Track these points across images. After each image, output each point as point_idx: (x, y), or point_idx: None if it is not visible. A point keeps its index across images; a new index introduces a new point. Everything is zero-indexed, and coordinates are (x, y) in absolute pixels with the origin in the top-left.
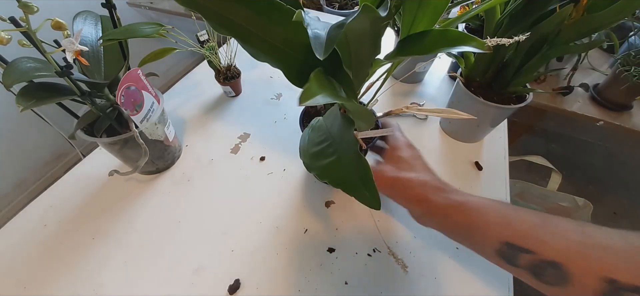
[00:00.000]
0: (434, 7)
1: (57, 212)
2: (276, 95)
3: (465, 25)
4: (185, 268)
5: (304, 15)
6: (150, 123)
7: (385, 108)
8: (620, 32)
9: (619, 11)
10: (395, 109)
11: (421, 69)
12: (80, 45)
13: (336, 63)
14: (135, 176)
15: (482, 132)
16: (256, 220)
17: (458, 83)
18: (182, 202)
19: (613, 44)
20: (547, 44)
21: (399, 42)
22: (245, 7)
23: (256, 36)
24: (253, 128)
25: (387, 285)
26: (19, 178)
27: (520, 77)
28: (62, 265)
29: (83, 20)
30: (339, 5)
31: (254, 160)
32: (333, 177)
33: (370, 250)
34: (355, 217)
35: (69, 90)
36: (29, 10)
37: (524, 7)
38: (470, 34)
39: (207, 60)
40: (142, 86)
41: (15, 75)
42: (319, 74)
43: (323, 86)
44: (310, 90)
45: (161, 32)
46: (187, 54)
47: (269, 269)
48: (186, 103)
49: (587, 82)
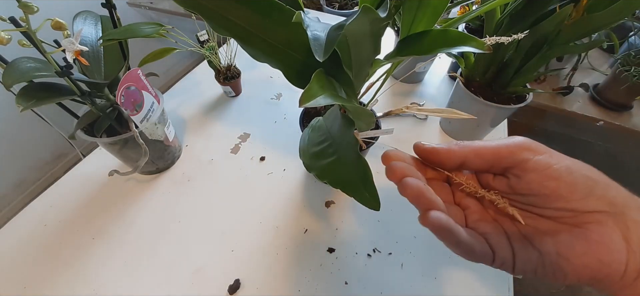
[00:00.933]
0: (434, 7)
1: (57, 212)
2: (276, 95)
3: (465, 26)
4: (185, 268)
5: (304, 16)
6: (150, 123)
7: (385, 108)
8: (620, 32)
9: (618, 11)
10: (395, 109)
11: (421, 69)
12: (80, 45)
13: (336, 63)
14: (135, 176)
15: (482, 132)
16: (256, 220)
17: (458, 83)
18: (182, 201)
19: (613, 44)
20: (547, 44)
21: (399, 42)
22: (246, 8)
23: (256, 37)
24: (253, 128)
25: (387, 285)
26: (19, 178)
27: (520, 77)
28: (62, 265)
29: (83, 20)
30: (339, 6)
31: (254, 160)
32: (333, 178)
33: (370, 250)
34: (355, 217)
35: (69, 90)
36: (29, 10)
37: (524, 7)
38: (470, 34)
39: (207, 60)
40: (142, 86)
41: (15, 75)
42: (320, 75)
43: (324, 87)
44: (311, 91)
45: (161, 32)
46: (187, 54)
47: (269, 269)
48: (186, 103)
49: (587, 82)
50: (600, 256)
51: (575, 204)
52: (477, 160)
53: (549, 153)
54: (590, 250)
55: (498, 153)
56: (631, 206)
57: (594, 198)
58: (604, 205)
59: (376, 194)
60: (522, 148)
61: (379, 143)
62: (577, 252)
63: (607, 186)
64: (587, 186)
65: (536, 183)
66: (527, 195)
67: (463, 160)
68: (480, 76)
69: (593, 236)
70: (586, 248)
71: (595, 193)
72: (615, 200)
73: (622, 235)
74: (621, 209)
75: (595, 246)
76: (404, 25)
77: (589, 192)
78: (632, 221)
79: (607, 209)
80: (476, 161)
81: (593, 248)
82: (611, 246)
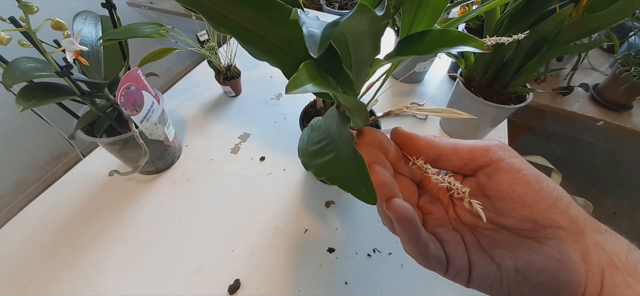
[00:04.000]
0: (434, 7)
1: (57, 212)
2: (276, 95)
3: (465, 26)
4: (185, 268)
5: (300, 13)
6: (150, 123)
7: (385, 108)
8: (620, 32)
9: (618, 11)
10: (395, 109)
11: (421, 69)
12: (80, 45)
13: (336, 63)
14: (135, 176)
15: (482, 132)
16: (256, 220)
17: (458, 83)
18: (182, 202)
19: (613, 44)
20: (547, 44)
21: (399, 42)
22: (246, 6)
23: (256, 35)
24: (253, 128)
25: (387, 285)
26: (19, 178)
27: (520, 77)
28: (62, 265)
29: (83, 20)
30: (339, 5)
31: (254, 160)
32: (330, 174)
33: (370, 250)
34: (355, 216)
35: (69, 90)
36: (29, 10)
37: (524, 7)
38: (470, 34)
39: (207, 60)
40: (142, 86)
41: (15, 75)
42: (310, 65)
43: (313, 76)
44: (299, 78)
45: (161, 32)
46: (187, 54)
47: (269, 269)
48: (186, 103)
49: (587, 82)
50: (558, 276)
51: (539, 214)
52: (453, 156)
53: (521, 159)
54: (549, 267)
55: (474, 151)
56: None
57: (557, 211)
58: (566, 221)
59: (373, 189)
60: (497, 148)
61: None
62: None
63: (569, 203)
64: (552, 197)
65: (505, 184)
66: (494, 199)
67: (440, 153)
68: (480, 76)
69: (552, 252)
70: (545, 264)
71: (559, 206)
72: (577, 217)
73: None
74: (582, 227)
75: (554, 264)
76: (404, 25)
77: (553, 203)
78: (591, 241)
79: (568, 226)
80: (452, 157)
81: (551, 265)
82: (570, 265)
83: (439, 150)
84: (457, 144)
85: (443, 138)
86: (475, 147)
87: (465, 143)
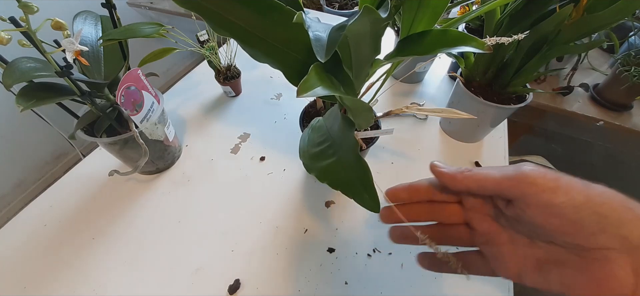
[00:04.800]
0: (434, 7)
1: (57, 212)
2: (276, 95)
3: (465, 26)
4: (185, 268)
5: (305, 17)
6: (150, 123)
7: (385, 108)
8: (620, 32)
9: (619, 11)
10: (396, 109)
11: (421, 69)
12: (80, 45)
13: (336, 63)
14: (135, 176)
15: (482, 132)
16: (256, 220)
17: (458, 83)
18: (182, 202)
19: (613, 44)
20: (547, 44)
21: (399, 42)
22: (246, 8)
23: (256, 37)
24: (253, 128)
25: (387, 285)
26: (19, 178)
27: (520, 77)
28: (62, 264)
29: (83, 20)
30: (339, 6)
31: (254, 160)
32: (333, 179)
33: (370, 250)
34: (355, 217)
35: (69, 90)
36: (29, 10)
37: (524, 7)
38: (470, 34)
39: (207, 60)
40: (142, 86)
41: (15, 75)
42: (318, 68)
43: (322, 79)
44: (309, 82)
45: (161, 32)
46: (187, 54)
47: (269, 269)
48: (186, 103)
49: (587, 82)
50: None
51: (581, 241)
52: (480, 191)
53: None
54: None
55: (500, 185)
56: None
57: (605, 236)
58: (616, 243)
59: (376, 196)
60: (524, 183)
61: (379, 144)
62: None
63: (619, 222)
64: (596, 223)
65: (539, 218)
66: (534, 226)
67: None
68: (480, 76)
69: (596, 273)
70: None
71: (607, 230)
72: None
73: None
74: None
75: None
76: (404, 25)
77: (598, 229)
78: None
79: (618, 246)
80: (478, 192)
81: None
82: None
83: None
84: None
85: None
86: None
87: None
